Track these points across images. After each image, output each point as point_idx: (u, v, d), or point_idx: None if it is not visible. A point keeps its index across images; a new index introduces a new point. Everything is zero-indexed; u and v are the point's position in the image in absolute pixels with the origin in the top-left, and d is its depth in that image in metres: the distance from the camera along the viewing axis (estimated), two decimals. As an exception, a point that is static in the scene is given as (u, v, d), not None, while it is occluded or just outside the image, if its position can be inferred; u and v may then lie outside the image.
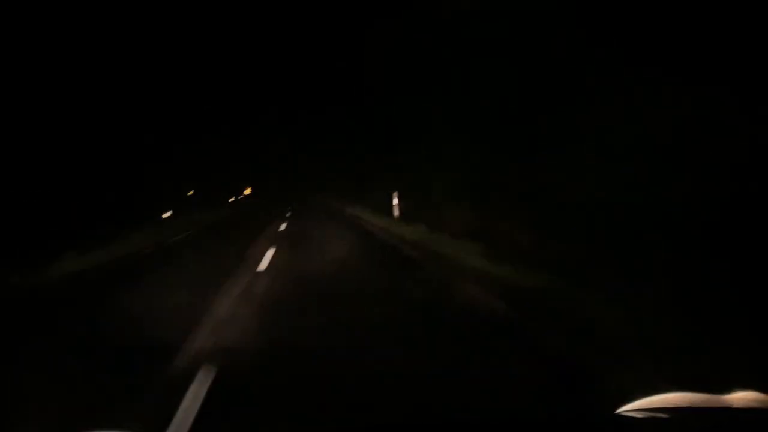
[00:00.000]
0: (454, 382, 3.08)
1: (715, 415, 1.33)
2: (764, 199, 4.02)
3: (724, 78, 4.47)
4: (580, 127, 6.31)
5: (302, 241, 11.88)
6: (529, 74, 7.55)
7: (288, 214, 22.89)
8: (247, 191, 64.44)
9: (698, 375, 2.68)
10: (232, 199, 56.02)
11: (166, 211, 27.47)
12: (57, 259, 11.26)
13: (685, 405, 1.37)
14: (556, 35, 6.81)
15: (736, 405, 1.32)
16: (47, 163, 15.05)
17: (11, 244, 11.42)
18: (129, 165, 22.77)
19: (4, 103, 13.25)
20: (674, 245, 4.60)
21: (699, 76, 4.62)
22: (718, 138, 4.49)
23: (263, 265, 8.45)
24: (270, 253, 9.63)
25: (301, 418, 2.75)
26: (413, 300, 5.43)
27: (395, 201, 14.37)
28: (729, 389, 1.37)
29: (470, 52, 9.59)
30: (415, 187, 13.20)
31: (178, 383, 3.28)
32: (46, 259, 10.90)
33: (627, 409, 1.39)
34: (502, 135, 8.45)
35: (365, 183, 21.74)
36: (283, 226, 16.67)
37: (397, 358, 3.50)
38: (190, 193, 51.99)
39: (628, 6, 5.65)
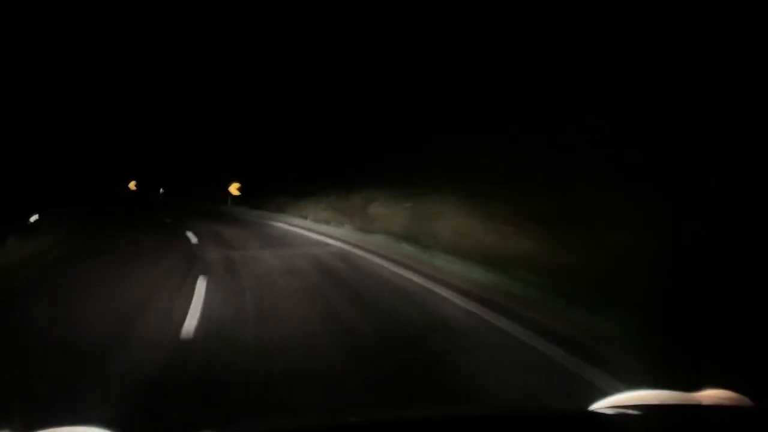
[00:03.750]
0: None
1: (686, 412, 1.35)
2: None
3: None
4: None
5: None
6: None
7: None
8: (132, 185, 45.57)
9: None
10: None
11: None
12: None
13: (657, 402, 1.38)
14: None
15: (706, 402, 1.34)
16: None
17: None
18: None
19: None
20: None
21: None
22: None
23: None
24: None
25: None
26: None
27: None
28: (700, 387, 1.39)
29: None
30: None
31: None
32: None
33: (600, 406, 1.41)
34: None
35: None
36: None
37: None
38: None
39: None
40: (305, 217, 18.18)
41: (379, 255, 9.93)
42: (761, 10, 6.14)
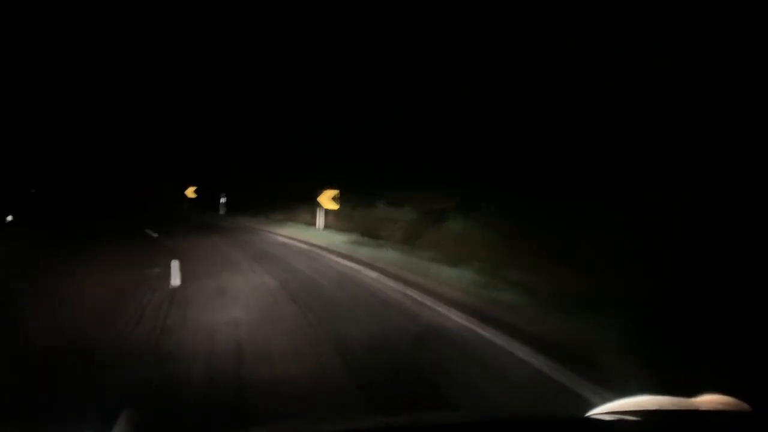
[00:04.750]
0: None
1: (682, 417, 1.34)
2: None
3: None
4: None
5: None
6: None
7: None
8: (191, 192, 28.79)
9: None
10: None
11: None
12: None
13: (654, 408, 1.38)
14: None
15: (703, 407, 1.34)
16: None
17: None
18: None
19: None
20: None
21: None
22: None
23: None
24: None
25: None
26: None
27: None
28: (697, 392, 1.38)
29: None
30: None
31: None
32: None
33: (597, 412, 1.40)
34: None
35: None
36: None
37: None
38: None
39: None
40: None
41: None
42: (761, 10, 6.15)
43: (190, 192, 26.78)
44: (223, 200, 23.36)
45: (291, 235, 14.28)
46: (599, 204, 7.23)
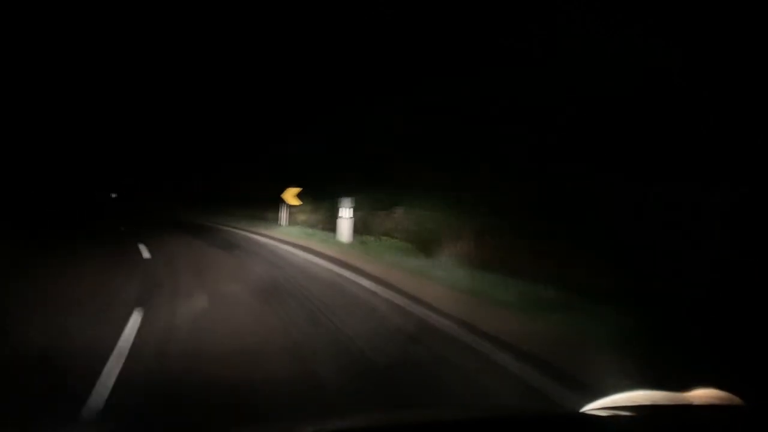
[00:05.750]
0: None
1: (676, 412, 1.34)
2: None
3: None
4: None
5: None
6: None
7: None
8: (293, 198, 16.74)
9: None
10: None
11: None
12: None
13: (647, 403, 1.38)
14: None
15: (696, 402, 1.34)
16: None
17: None
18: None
19: None
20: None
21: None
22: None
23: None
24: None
25: None
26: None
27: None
28: (689, 387, 1.39)
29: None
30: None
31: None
32: None
33: (592, 407, 1.40)
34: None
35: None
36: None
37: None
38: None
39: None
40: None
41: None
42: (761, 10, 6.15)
43: (291, 196, 16.68)
44: (348, 214, 13.91)
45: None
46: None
